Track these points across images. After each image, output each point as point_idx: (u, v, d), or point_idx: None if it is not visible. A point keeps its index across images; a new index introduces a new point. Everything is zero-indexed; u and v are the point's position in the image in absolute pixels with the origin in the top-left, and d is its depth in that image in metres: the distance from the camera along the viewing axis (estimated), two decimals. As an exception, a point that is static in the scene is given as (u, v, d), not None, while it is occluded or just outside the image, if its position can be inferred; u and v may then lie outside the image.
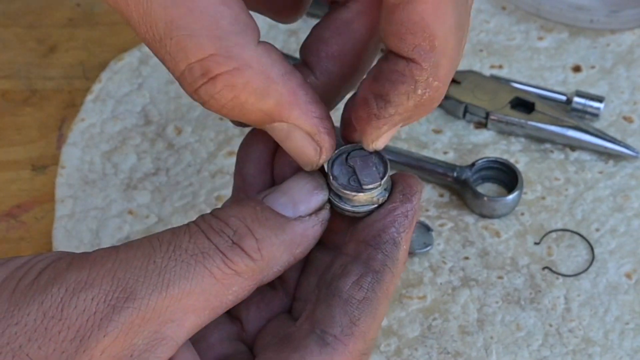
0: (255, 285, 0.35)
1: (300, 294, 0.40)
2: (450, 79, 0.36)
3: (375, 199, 0.36)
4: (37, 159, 0.59)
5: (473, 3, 0.37)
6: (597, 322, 0.50)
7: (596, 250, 0.53)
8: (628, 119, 0.60)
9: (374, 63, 0.36)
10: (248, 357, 0.38)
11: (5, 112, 0.62)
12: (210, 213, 0.36)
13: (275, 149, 0.39)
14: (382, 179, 0.36)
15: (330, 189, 0.37)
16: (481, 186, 0.56)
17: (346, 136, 0.38)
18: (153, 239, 0.34)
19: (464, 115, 0.60)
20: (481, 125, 0.60)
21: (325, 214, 0.37)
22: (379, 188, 0.36)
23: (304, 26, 0.67)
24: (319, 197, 0.37)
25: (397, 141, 0.59)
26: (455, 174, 0.55)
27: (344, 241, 0.37)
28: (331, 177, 0.37)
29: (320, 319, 0.35)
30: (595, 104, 0.59)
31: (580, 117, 0.59)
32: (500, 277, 0.52)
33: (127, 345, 0.32)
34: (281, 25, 0.66)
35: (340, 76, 0.38)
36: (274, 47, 0.35)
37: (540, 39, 0.65)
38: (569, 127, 0.57)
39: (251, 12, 0.35)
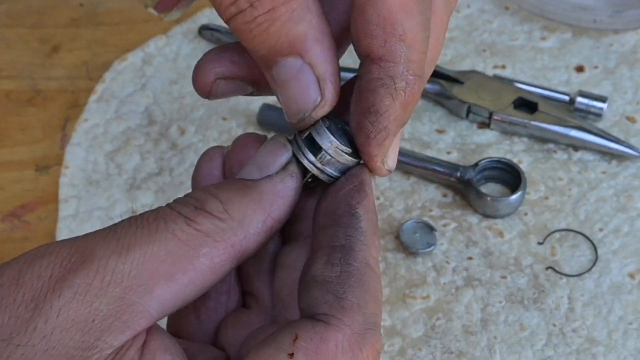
0: (232, 250, 0.33)
1: (278, 298, 0.38)
2: (426, 75, 0.36)
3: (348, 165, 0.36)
4: (41, 159, 0.59)
5: (451, 11, 0.38)
6: (600, 322, 0.50)
7: (600, 250, 0.53)
8: (631, 119, 0.60)
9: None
10: None
11: (9, 112, 0.62)
12: None
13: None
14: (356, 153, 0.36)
15: (310, 151, 0.36)
16: (484, 186, 0.56)
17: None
18: (118, 221, 0.34)
19: (467, 116, 0.60)
20: (484, 125, 0.60)
21: (293, 167, 0.36)
22: (354, 159, 0.36)
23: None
24: (284, 154, 0.36)
25: (400, 141, 0.58)
26: (458, 174, 0.55)
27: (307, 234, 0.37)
28: (327, 131, 0.35)
29: (304, 307, 0.33)
30: (599, 104, 0.59)
31: (584, 117, 0.59)
32: (503, 277, 0.52)
33: (86, 309, 0.31)
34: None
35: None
36: None
37: (544, 39, 0.65)
38: (572, 127, 0.57)
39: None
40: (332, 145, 0.35)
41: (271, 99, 0.61)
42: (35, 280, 0.31)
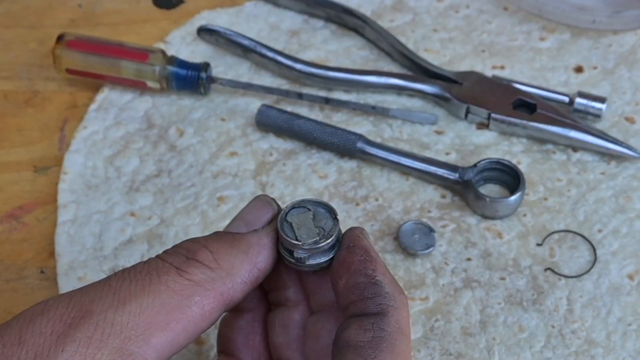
0: (221, 298, 0.35)
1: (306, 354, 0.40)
2: None
3: (297, 256, 0.38)
4: (39, 160, 0.59)
5: None
6: (599, 324, 0.50)
7: (598, 252, 0.53)
8: (630, 120, 0.60)
9: None
10: None
11: (7, 113, 0.62)
12: None
13: None
14: (314, 243, 0.37)
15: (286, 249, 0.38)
16: (483, 187, 0.56)
17: None
18: (111, 274, 0.35)
19: (466, 116, 0.60)
20: (483, 126, 0.59)
21: (276, 223, 0.38)
22: (307, 248, 0.37)
23: (305, 27, 0.66)
24: (269, 211, 0.39)
25: (399, 142, 0.59)
26: (457, 175, 0.55)
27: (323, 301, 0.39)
28: (290, 234, 0.38)
29: None
30: (598, 105, 0.59)
31: (583, 117, 0.59)
32: (502, 279, 0.52)
33: None
34: (283, 26, 0.66)
35: None
36: None
37: (542, 39, 0.65)
38: (571, 128, 0.57)
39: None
40: (301, 245, 0.37)
41: (270, 100, 0.61)
42: (37, 337, 0.32)
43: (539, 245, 0.53)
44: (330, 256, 0.38)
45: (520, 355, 0.49)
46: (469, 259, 0.53)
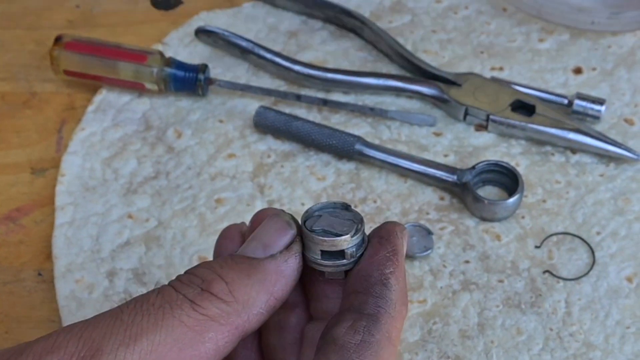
0: (236, 331, 0.34)
1: None
2: None
3: (349, 252, 0.36)
4: (37, 161, 0.59)
5: None
6: (597, 326, 0.50)
7: (597, 254, 0.53)
8: (629, 122, 0.60)
9: None
10: None
11: (4, 114, 0.62)
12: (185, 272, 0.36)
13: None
14: (356, 230, 0.36)
15: (305, 246, 0.37)
16: (482, 189, 0.56)
17: None
18: (123, 303, 0.34)
19: (465, 118, 0.60)
20: (482, 127, 0.59)
21: (297, 247, 0.37)
22: (355, 238, 0.36)
23: (304, 28, 0.66)
24: (288, 233, 0.37)
25: (397, 144, 0.58)
26: (455, 177, 0.55)
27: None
28: (307, 228, 0.36)
29: None
30: (596, 107, 0.59)
31: (581, 119, 0.59)
32: (500, 281, 0.52)
33: None
34: (281, 27, 0.66)
35: None
36: None
37: (541, 40, 0.65)
38: (569, 130, 0.57)
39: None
40: (350, 237, 0.36)
41: (268, 101, 0.61)
42: None
43: (537, 247, 0.53)
44: (365, 246, 0.37)
45: (519, 358, 0.48)
46: (467, 262, 0.52)
